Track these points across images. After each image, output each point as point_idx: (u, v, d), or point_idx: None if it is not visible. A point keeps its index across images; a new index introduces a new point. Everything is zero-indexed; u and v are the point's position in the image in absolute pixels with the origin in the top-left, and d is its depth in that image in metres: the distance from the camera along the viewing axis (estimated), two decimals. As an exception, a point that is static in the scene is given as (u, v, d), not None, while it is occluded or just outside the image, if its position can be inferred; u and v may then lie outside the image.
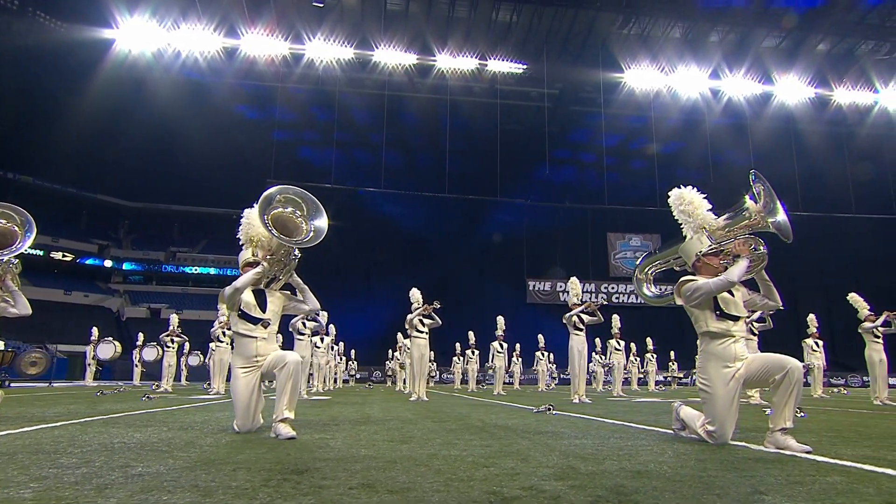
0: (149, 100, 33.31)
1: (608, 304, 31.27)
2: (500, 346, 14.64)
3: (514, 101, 36.87)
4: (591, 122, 37.08)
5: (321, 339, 12.16)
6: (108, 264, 38.90)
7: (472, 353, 16.59)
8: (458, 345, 18.90)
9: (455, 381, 19.63)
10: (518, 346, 18.67)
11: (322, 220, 3.92)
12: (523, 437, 3.53)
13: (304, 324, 9.81)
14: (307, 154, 37.55)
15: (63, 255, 36.76)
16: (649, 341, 18.31)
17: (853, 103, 35.51)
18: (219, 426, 4.15)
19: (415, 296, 9.60)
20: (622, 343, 14.11)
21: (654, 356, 18.55)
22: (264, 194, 3.81)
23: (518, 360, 18.99)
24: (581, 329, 9.16)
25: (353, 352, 23.87)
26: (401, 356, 16.69)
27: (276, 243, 3.85)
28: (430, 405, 7.58)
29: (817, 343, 11.81)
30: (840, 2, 30.34)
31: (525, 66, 33.85)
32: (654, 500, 1.79)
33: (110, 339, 18.27)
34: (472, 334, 16.63)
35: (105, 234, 39.69)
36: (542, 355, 17.58)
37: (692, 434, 3.42)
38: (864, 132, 37.02)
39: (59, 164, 34.39)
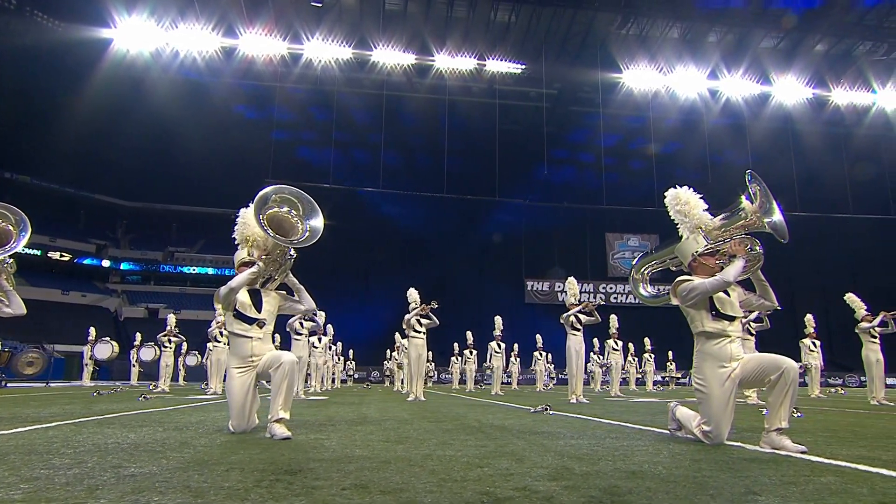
0: (147, 99, 33.24)
1: (606, 304, 31.22)
2: (498, 346, 14.65)
3: (513, 101, 36.89)
4: (590, 122, 37.12)
5: (319, 339, 12.14)
6: (105, 264, 38.78)
7: (471, 353, 16.61)
8: (456, 345, 18.93)
9: (453, 381, 19.65)
10: (516, 346, 18.68)
11: (318, 220, 3.91)
12: (519, 438, 3.53)
13: (301, 324, 9.79)
14: (306, 154, 37.55)
15: (61, 255, 36.64)
16: (647, 341, 18.33)
17: (851, 104, 35.60)
18: (214, 426, 4.13)
19: (412, 296, 9.59)
20: (620, 343, 14.12)
21: (652, 356, 18.57)
22: (260, 194, 3.80)
23: (516, 360, 18.98)
24: (579, 329, 9.17)
25: (351, 352, 23.86)
26: (398, 356, 16.69)
27: (271, 243, 3.84)
28: (426, 405, 7.57)
29: (814, 343, 11.85)
30: (838, 2, 30.42)
31: (523, 66, 33.88)
32: (648, 500, 1.78)
33: (107, 339, 18.24)
34: (470, 334, 16.65)
35: (103, 234, 39.55)
36: (540, 355, 17.60)
37: (688, 434, 3.42)
38: (862, 133, 37.11)
39: (57, 163, 34.28)
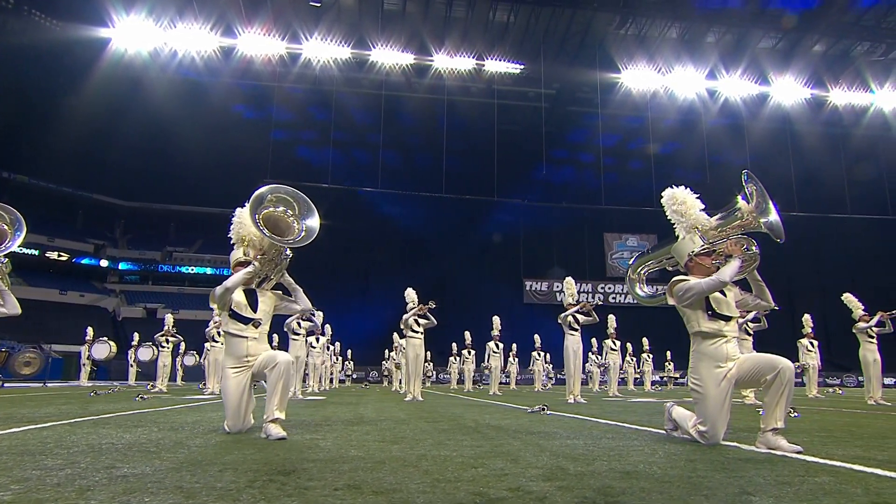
0: (145, 99, 33.22)
1: (604, 304, 31.59)
2: (496, 346, 14.63)
3: (512, 101, 36.88)
4: (589, 122, 37.13)
5: (317, 339, 12.12)
6: (103, 264, 38.69)
7: (469, 353, 16.59)
8: (454, 345, 18.92)
9: (451, 381, 19.64)
10: (514, 346, 18.66)
11: (314, 220, 3.90)
12: (515, 438, 3.52)
13: (299, 324, 9.78)
14: (305, 154, 37.50)
15: (58, 255, 36.56)
16: (645, 341, 18.32)
17: (849, 104, 35.66)
18: (210, 426, 4.12)
19: (410, 295, 9.57)
20: (618, 343, 14.13)
21: (651, 356, 18.56)
22: (255, 193, 3.79)
23: (514, 360, 18.97)
24: (577, 329, 9.16)
25: (349, 352, 23.83)
26: (397, 356, 16.68)
27: (267, 243, 3.83)
28: (424, 405, 7.57)
29: (812, 343, 11.86)
30: (836, 3, 30.46)
31: (522, 66, 33.88)
32: (642, 500, 1.78)
33: (105, 339, 18.18)
34: (468, 334, 16.63)
35: (101, 234, 39.47)
36: (539, 355, 17.58)
37: (684, 434, 3.41)
38: (860, 133, 37.17)
39: (55, 163, 34.20)
